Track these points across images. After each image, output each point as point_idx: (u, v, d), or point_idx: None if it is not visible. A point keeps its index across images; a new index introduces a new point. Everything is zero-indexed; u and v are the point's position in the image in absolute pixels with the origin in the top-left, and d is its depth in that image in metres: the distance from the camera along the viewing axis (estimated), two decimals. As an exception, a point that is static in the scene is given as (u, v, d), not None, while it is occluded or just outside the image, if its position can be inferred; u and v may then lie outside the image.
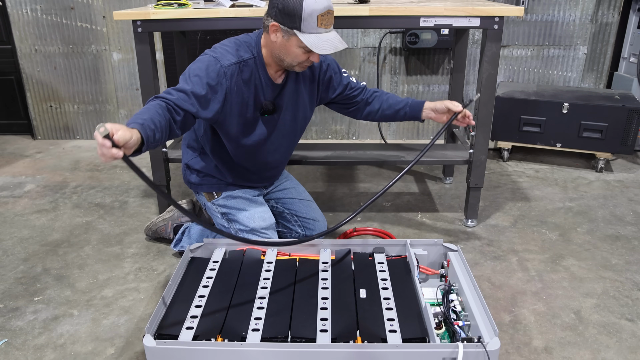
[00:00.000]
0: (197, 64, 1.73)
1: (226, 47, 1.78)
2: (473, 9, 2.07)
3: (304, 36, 1.66)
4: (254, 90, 1.82)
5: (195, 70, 1.70)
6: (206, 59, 1.73)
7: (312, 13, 1.64)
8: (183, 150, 2.09)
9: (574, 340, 1.70)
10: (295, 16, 1.65)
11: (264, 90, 1.84)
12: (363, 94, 2.10)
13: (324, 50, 1.67)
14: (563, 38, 3.48)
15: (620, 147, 3.04)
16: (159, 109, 1.56)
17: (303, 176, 3.12)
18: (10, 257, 2.23)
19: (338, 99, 2.07)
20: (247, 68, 1.78)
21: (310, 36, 1.66)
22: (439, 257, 1.84)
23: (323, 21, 1.66)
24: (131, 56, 3.62)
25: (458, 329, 1.46)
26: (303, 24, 1.65)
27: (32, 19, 3.53)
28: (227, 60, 1.74)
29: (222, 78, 1.72)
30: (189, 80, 1.68)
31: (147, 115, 1.51)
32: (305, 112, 2.00)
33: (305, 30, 1.66)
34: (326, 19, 1.67)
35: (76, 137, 3.87)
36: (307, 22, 1.65)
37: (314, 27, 1.66)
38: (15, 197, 2.84)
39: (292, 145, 2.08)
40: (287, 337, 1.40)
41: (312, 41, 1.66)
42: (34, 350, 1.67)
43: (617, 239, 2.35)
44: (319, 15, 1.65)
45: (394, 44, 3.54)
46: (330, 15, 1.69)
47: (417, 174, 3.16)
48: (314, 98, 2.01)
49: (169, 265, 2.16)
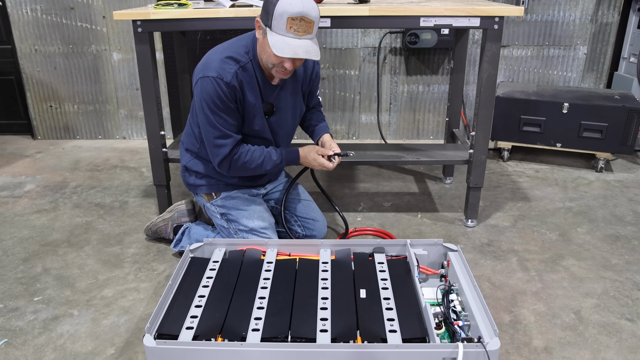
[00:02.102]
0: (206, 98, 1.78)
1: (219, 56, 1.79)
2: (473, 9, 2.07)
3: (271, 35, 1.66)
4: (258, 91, 1.85)
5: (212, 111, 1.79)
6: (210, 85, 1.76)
7: (283, 14, 1.62)
8: (181, 153, 2.10)
9: (574, 340, 1.70)
10: (269, 14, 1.65)
11: (264, 91, 1.86)
12: (311, 104, 2.17)
13: (282, 52, 1.64)
14: (563, 38, 3.48)
15: (620, 147, 3.04)
16: (247, 152, 1.89)
17: (303, 176, 3.11)
18: (10, 257, 2.23)
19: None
20: (246, 72, 1.81)
21: (276, 37, 1.65)
22: (439, 257, 1.84)
23: (293, 25, 1.63)
24: (131, 56, 3.62)
25: (458, 329, 1.46)
26: (273, 23, 1.64)
27: (32, 19, 3.53)
28: (228, 74, 1.76)
29: (232, 92, 1.78)
30: (226, 132, 1.83)
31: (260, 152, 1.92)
32: (302, 108, 2.06)
33: (274, 29, 1.65)
34: (297, 25, 1.63)
35: (76, 137, 3.87)
36: (276, 21, 1.63)
37: (282, 29, 1.64)
38: (15, 197, 2.84)
39: (289, 141, 2.13)
40: (287, 337, 1.40)
41: (275, 41, 1.64)
42: (34, 350, 1.67)
43: (617, 239, 2.35)
44: (289, 18, 1.62)
45: (394, 44, 3.54)
46: (304, 23, 1.64)
47: (417, 174, 3.16)
48: (304, 92, 2.05)
49: (169, 265, 2.16)
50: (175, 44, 2.79)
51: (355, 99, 3.68)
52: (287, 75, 1.80)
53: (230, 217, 2.03)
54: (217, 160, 1.87)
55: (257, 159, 1.90)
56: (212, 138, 1.83)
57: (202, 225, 2.21)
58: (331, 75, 3.63)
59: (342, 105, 3.70)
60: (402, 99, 3.67)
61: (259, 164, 1.91)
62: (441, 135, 3.75)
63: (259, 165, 1.92)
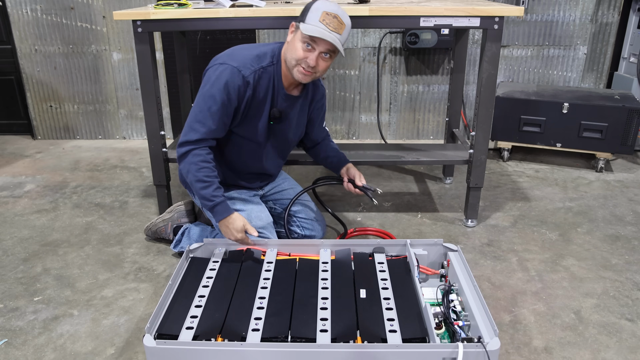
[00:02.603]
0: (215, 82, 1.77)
1: (246, 52, 1.83)
2: (473, 9, 2.07)
3: (303, 25, 1.73)
4: (270, 96, 1.87)
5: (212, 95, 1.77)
6: (227, 71, 1.77)
7: (319, 8, 1.72)
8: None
9: (574, 340, 1.70)
10: (306, 10, 1.75)
11: (277, 99, 1.89)
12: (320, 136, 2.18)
13: (311, 32, 1.69)
14: (563, 38, 3.48)
15: (620, 147, 3.04)
16: (209, 162, 1.80)
17: (303, 176, 3.12)
18: (10, 257, 2.23)
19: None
20: (266, 74, 1.84)
21: (309, 25, 1.72)
22: (439, 257, 1.84)
23: (326, 19, 1.71)
24: (131, 56, 3.62)
25: (458, 329, 1.46)
26: (308, 16, 1.73)
27: (32, 19, 3.53)
28: (248, 70, 1.79)
29: (244, 88, 1.79)
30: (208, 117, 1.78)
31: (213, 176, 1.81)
32: (302, 129, 2.08)
33: (308, 21, 1.73)
34: (330, 20, 1.72)
35: (76, 137, 3.87)
36: (312, 14, 1.72)
37: (316, 20, 1.71)
38: (15, 197, 2.84)
39: (284, 156, 2.13)
40: (287, 337, 1.40)
41: (306, 27, 1.71)
42: (34, 350, 1.67)
43: (617, 239, 2.35)
44: (323, 12, 1.71)
45: (394, 44, 3.54)
46: (336, 21, 1.73)
47: (417, 174, 3.16)
48: (308, 116, 2.08)
49: (169, 265, 2.16)
50: (175, 44, 2.79)
51: (355, 99, 3.68)
52: (307, 78, 1.80)
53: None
54: (181, 140, 1.81)
55: (202, 176, 1.79)
56: (193, 119, 1.81)
57: (202, 225, 2.21)
58: (331, 75, 3.63)
59: (342, 105, 3.70)
60: (402, 99, 3.67)
61: (199, 179, 1.79)
62: (441, 135, 3.75)
63: (198, 180, 1.79)
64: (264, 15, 2.09)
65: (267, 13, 2.09)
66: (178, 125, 3.70)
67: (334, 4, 1.75)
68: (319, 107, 2.09)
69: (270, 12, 2.09)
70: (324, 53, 1.75)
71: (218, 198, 1.80)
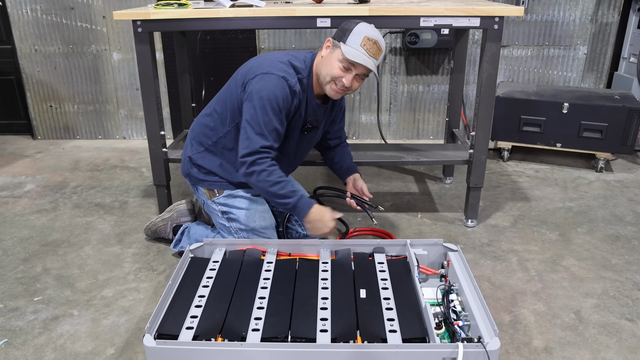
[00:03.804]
0: (268, 91, 1.77)
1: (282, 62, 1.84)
2: (473, 9, 2.07)
3: (344, 46, 1.76)
4: (305, 106, 1.90)
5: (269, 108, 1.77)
6: (276, 80, 1.78)
7: (361, 32, 1.76)
8: (188, 142, 2.07)
9: (574, 340, 1.70)
10: (346, 32, 1.78)
11: (309, 109, 1.92)
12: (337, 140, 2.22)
13: (354, 57, 1.74)
14: (563, 38, 3.48)
15: (620, 147, 3.04)
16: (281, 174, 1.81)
17: (303, 176, 3.12)
18: (10, 257, 2.23)
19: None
20: (302, 84, 1.87)
21: (350, 48, 1.76)
22: (439, 257, 1.84)
23: (367, 44, 1.76)
24: (131, 56, 3.62)
25: (458, 329, 1.46)
26: (349, 38, 1.77)
27: (32, 19, 3.53)
28: (293, 78, 1.82)
29: (292, 97, 1.82)
30: (266, 134, 1.78)
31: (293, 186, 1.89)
32: (321, 134, 2.12)
33: (349, 44, 1.76)
34: (371, 45, 1.76)
35: (76, 137, 3.87)
36: (354, 37, 1.76)
37: (357, 44, 1.76)
38: (15, 197, 2.84)
39: (301, 160, 2.17)
40: (287, 337, 1.40)
41: (348, 50, 1.76)
42: (34, 350, 1.67)
43: (617, 239, 2.35)
44: (365, 37, 1.76)
45: (394, 44, 3.54)
46: (376, 47, 1.77)
47: (417, 174, 3.16)
48: (329, 119, 2.12)
49: (169, 265, 2.16)
50: (175, 44, 2.79)
51: (355, 99, 3.68)
52: (339, 95, 1.86)
53: (231, 216, 2.03)
54: (242, 153, 1.79)
55: (276, 178, 1.79)
56: (251, 132, 1.79)
57: (202, 225, 2.21)
58: (331, 75, 3.63)
59: (342, 105, 3.70)
60: (402, 99, 3.67)
61: (274, 182, 1.79)
62: (441, 135, 3.75)
63: (272, 184, 1.79)
64: (264, 15, 2.09)
65: (267, 13, 2.09)
66: (178, 125, 3.70)
67: (374, 28, 1.80)
68: (340, 107, 2.14)
69: (270, 12, 2.09)
70: (359, 75, 1.81)
71: (298, 193, 1.81)
